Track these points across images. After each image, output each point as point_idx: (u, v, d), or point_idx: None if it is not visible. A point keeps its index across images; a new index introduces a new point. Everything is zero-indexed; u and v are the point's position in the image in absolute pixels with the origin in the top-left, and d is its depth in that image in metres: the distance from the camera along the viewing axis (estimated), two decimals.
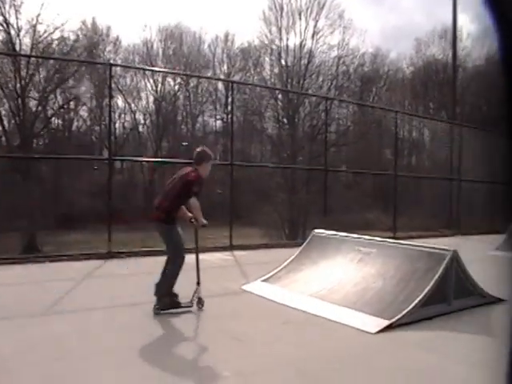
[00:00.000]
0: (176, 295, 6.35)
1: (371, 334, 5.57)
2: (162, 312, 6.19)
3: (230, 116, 16.39)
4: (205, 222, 6.23)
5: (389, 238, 11.05)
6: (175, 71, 29.48)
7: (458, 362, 4.85)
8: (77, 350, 4.84)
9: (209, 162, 6.53)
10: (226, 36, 34.12)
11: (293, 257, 8.10)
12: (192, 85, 30.42)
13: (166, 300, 6.27)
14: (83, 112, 28.14)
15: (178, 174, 6.57)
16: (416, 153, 32.08)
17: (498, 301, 7.13)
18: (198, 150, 6.62)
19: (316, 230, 8.65)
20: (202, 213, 6.19)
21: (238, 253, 11.54)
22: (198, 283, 6.47)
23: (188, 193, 6.15)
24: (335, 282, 7.11)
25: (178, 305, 6.33)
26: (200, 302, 6.46)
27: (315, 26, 33.01)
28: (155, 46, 31.61)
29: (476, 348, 5.34)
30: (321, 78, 33.66)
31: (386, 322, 5.75)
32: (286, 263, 8.00)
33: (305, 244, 8.49)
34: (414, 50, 40.72)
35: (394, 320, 5.77)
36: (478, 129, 23.98)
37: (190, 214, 6.34)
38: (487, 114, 37.91)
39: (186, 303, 6.39)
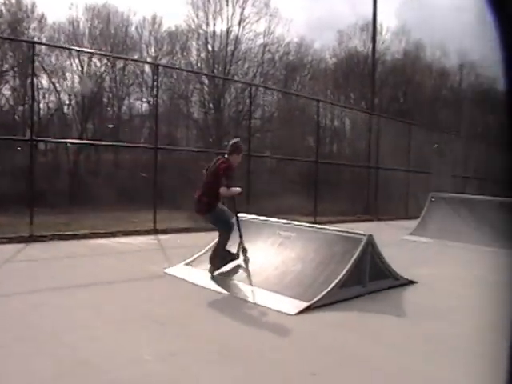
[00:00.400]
0: (231, 253, 7.42)
1: (291, 315, 5.65)
2: (215, 273, 7.24)
3: (155, 99, 16.06)
4: (238, 189, 7.24)
5: (310, 222, 11.24)
6: (101, 52, 28.52)
7: (374, 341, 5.01)
8: None
9: (240, 154, 7.39)
10: (154, 18, 33.34)
11: (216, 240, 8.07)
12: (118, 66, 29.55)
13: (216, 262, 7.27)
14: (6, 91, 26.84)
15: (212, 164, 7.32)
16: (337, 141, 32.60)
17: (409, 283, 7.41)
18: (232, 142, 7.45)
19: (238, 215, 8.64)
20: (232, 189, 7.10)
21: (162, 236, 11.40)
22: (241, 236, 7.40)
23: (219, 184, 6.94)
24: (256, 265, 7.16)
25: (227, 258, 7.37)
26: (244, 251, 7.37)
27: (242, 12, 32.93)
28: (81, 26, 30.40)
29: (391, 327, 5.54)
30: (247, 65, 33.66)
31: (305, 304, 5.84)
32: (208, 247, 7.97)
33: None
34: (337, 41, 41.41)
35: (312, 302, 5.87)
36: (395, 119, 24.72)
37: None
38: (404, 105, 39.13)
39: (233, 256, 7.40)
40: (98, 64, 28.79)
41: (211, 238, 8.30)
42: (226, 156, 7.25)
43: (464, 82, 47.30)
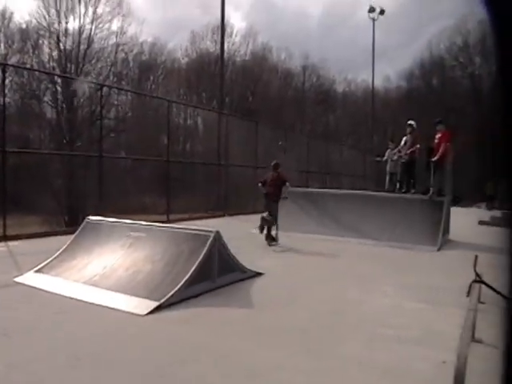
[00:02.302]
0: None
1: (141, 316, 5.60)
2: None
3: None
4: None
5: (163, 221, 11.19)
6: None
7: (218, 333, 5.12)
8: None
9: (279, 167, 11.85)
10: (3, 14, 31.18)
11: (65, 245, 7.76)
12: None
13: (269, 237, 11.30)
14: None
15: (270, 176, 11.60)
16: (190, 140, 32.66)
17: (256, 274, 7.66)
18: (275, 162, 11.76)
19: (89, 217, 8.37)
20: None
21: (12, 243, 10.64)
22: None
23: (284, 184, 11.48)
24: (107, 267, 6.96)
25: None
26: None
27: (94, 11, 31.97)
28: None
29: (238, 319, 5.69)
30: (100, 65, 32.69)
31: (155, 304, 5.81)
32: (58, 252, 7.61)
33: (78, 232, 8.15)
34: (190, 42, 41.62)
35: (162, 301, 5.86)
36: (243, 118, 25.28)
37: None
38: (252, 105, 40.19)
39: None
40: None
41: (67, 240, 8.00)
42: (277, 171, 11.61)
43: (307, 83, 49.71)
